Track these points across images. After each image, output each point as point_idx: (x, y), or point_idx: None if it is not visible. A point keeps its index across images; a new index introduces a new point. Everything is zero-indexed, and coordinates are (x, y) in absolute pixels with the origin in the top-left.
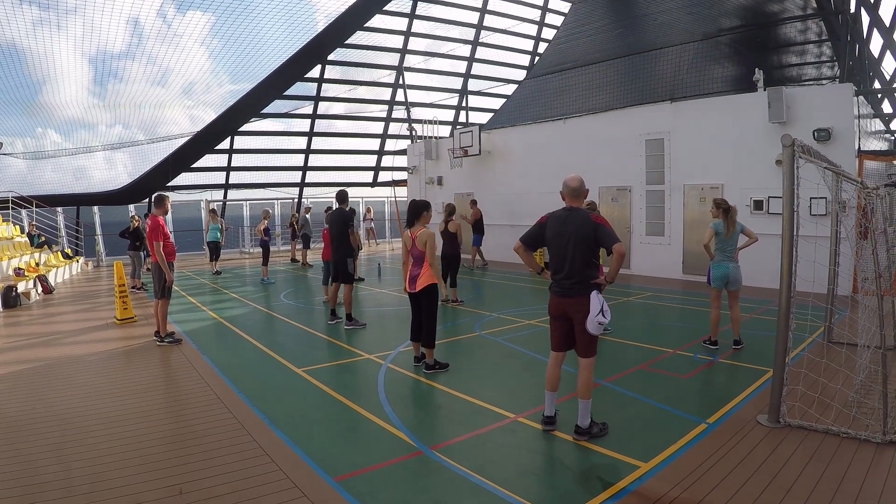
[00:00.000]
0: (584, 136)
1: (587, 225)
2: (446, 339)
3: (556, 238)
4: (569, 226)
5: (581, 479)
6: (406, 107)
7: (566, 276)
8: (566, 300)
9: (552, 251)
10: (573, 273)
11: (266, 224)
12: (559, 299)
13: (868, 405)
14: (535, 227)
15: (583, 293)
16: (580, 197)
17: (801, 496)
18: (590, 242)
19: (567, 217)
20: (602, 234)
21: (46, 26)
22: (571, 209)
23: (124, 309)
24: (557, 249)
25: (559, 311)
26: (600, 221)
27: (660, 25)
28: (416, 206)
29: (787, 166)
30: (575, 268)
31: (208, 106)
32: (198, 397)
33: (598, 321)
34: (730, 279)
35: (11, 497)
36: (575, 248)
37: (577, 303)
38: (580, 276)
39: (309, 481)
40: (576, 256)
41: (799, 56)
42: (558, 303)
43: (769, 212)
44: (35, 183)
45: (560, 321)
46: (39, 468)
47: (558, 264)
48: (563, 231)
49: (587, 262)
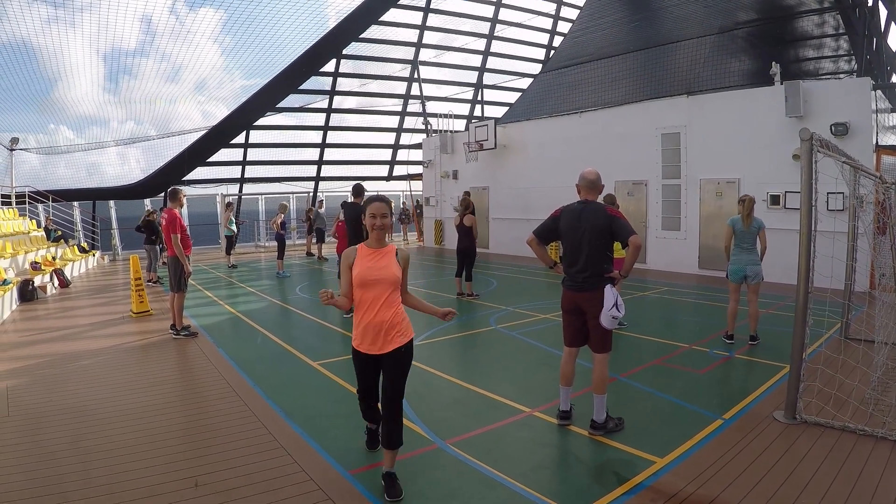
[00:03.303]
0: (599, 129)
1: (602, 217)
2: (462, 333)
3: (570, 231)
4: (584, 219)
5: (596, 474)
6: (421, 101)
7: (580, 269)
8: (580, 294)
9: (566, 244)
10: (587, 266)
11: (282, 218)
12: (572, 293)
13: (885, 402)
14: (548, 220)
15: (597, 287)
16: (596, 190)
17: (816, 493)
18: (605, 235)
19: (582, 210)
20: (618, 226)
21: (59, 24)
22: (587, 202)
23: (140, 302)
24: (572, 242)
25: (572, 305)
26: (616, 214)
27: (676, 19)
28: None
29: (805, 161)
30: (589, 261)
31: (221, 101)
32: (214, 390)
33: (613, 315)
34: (748, 273)
35: (32, 488)
36: (590, 241)
37: (591, 297)
38: (594, 269)
39: (324, 474)
40: (591, 250)
41: (816, 50)
42: (571, 297)
43: (786, 207)
44: (48, 179)
45: (573, 316)
46: (58, 460)
47: (572, 257)
48: (578, 224)
49: (602, 255)
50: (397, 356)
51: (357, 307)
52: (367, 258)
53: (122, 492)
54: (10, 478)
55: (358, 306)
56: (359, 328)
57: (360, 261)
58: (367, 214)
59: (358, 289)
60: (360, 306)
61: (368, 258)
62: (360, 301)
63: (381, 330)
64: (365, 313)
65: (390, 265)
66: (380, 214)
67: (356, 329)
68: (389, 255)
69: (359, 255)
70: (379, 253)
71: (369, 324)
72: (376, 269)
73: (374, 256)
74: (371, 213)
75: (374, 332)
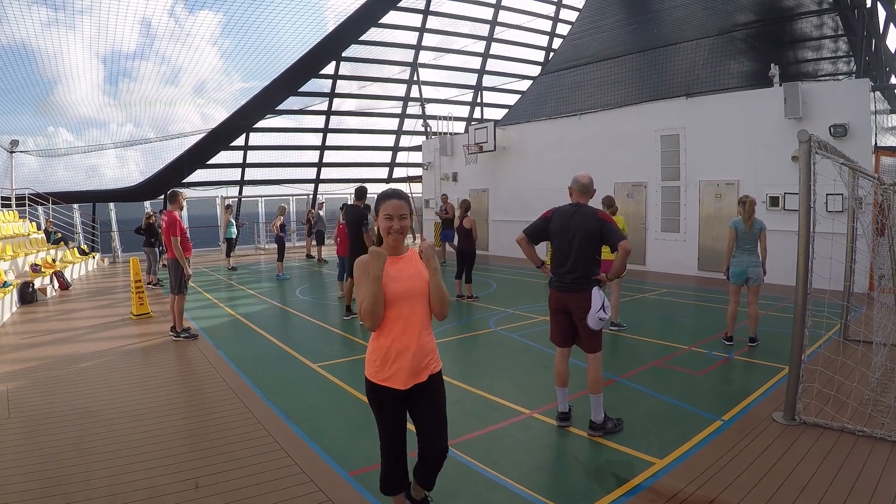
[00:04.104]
0: (599, 131)
1: (594, 221)
2: (462, 335)
3: (560, 232)
4: (575, 221)
5: (595, 475)
6: (421, 103)
7: (568, 270)
8: (567, 295)
9: (555, 245)
10: (576, 268)
11: (281, 220)
12: (559, 294)
13: (884, 403)
14: (539, 220)
15: (584, 289)
16: (588, 194)
17: (815, 494)
18: (595, 238)
19: (574, 213)
20: (608, 230)
21: (58, 26)
22: (578, 205)
23: (140, 305)
24: (561, 244)
25: (559, 305)
26: (606, 218)
27: (674, 21)
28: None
29: (803, 162)
30: (578, 263)
31: (220, 104)
32: (214, 392)
33: (599, 317)
34: (749, 275)
35: (33, 489)
36: (580, 244)
37: (579, 298)
38: (582, 271)
39: (324, 475)
40: (579, 252)
41: (815, 51)
42: (558, 297)
43: (785, 208)
44: (47, 181)
45: (561, 315)
46: (60, 461)
47: (561, 258)
48: (569, 226)
49: (590, 258)
50: (437, 381)
51: (382, 328)
52: (391, 269)
53: (124, 493)
54: (12, 479)
55: (384, 327)
56: (388, 358)
57: (386, 271)
58: (380, 215)
59: (389, 305)
60: (390, 327)
61: (394, 268)
62: (389, 321)
63: (424, 357)
64: (398, 337)
65: (421, 271)
66: (398, 215)
67: (379, 359)
68: (415, 260)
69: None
70: (401, 260)
71: (409, 351)
72: (407, 277)
73: (399, 265)
74: (386, 214)
75: (414, 360)
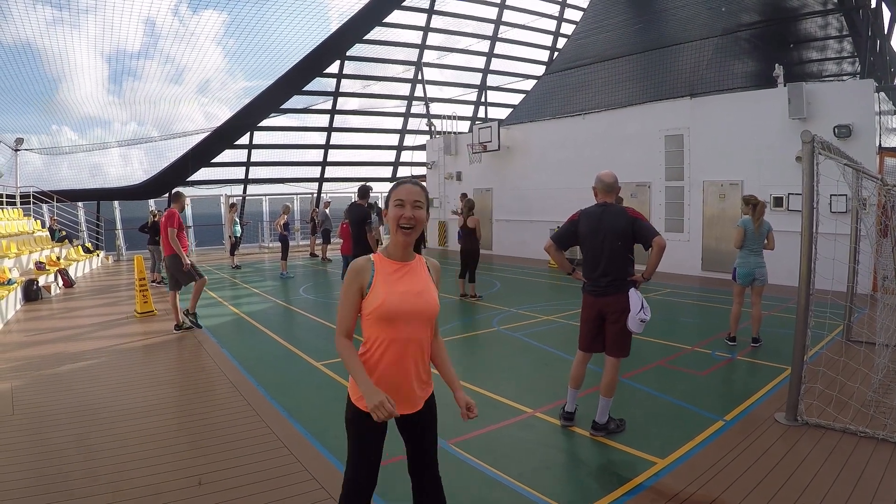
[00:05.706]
0: (603, 131)
1: (624, 219)
2: (465, 334)
3: (590, 235)
4: (604, 221)
5: (597, 475)
6: (425, 102)
7: (602, 273)
8: (602, 299)
9: (586, 249)
10: (609, 270)
11: (285, 219)
12: (595, 299)
13: (886, 404)
14: (566, 224)
15: (620, 291)
16: (614, 192)
17: (817, 495)
18: (626, 237)
19: (602, 213)
20: (640, 227)
21: (63, 26)
22: (606, 205)
23: (144, 303)
24: (592, 247)
25: (594, 311)
26: (637, 216)
27: (679, 21)
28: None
29: (806, 163)
30: (611, 265)
31: (224, 103)
32: (218, 390)
33: (641, 318)
34: (756, 276)
35: (37, 485)
36: (611, 245)
37: (616, 301)
38: (616, 273)
39: (327, 473)
40: (612, 253)
41: (819, 52)
42: (594, 303)
43: (789, 209)
44: (51, 179)
45: (593, 323)
46: (63, 458)
47: (593, 262)
48: (598, 227)
49: (624, 258)
50: (431, 404)
51: (374, 352)
52: (392, 277)
53: (127, 489)
54: (16, 475)
55: (376, 351)
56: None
57: (384, 280)
58: (391, 202)
59: (383, 324)
60: (383, 351)
61: (395, 277)
62: (384, 343)
63: (421, 388)
64: (394, 364)
65: (430, 289)
66: (411, 201)
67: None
68: (423, 273)
69: (379, 271)
70: (407, 269)
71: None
72: (412, 294)
73: (403, 275)
74: (398, 199)
75: (411, 394)
